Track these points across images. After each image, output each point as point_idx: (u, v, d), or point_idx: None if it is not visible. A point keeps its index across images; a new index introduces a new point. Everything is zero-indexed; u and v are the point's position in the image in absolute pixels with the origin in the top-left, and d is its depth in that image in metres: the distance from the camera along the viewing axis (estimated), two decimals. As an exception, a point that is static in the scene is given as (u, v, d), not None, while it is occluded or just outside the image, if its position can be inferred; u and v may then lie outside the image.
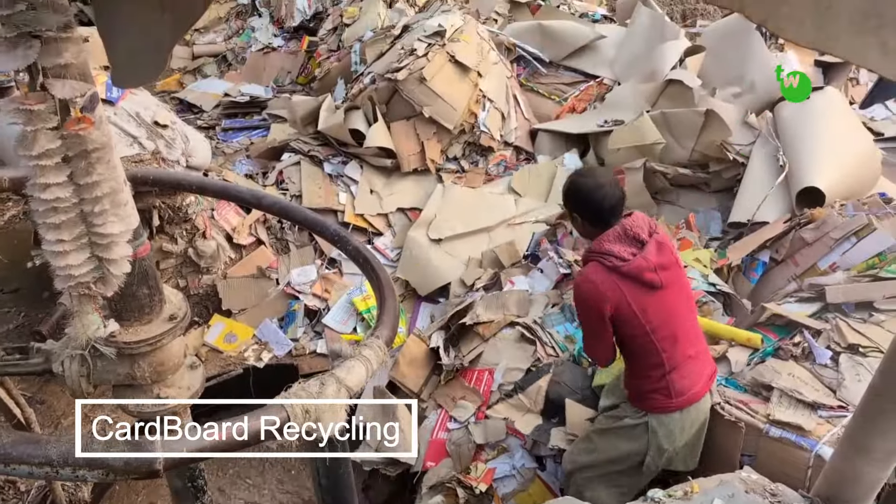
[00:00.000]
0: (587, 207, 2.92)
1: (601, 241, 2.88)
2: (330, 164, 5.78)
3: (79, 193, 1.81)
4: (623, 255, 2.83)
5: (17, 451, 1.81)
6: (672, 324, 2.92)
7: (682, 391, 2.94)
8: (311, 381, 2.18)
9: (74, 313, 2.02)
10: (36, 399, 4.31)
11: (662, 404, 2.97)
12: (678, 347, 2.92)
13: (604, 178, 2.92)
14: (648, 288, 2.84)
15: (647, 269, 2.83)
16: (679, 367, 2.93)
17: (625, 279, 2.82)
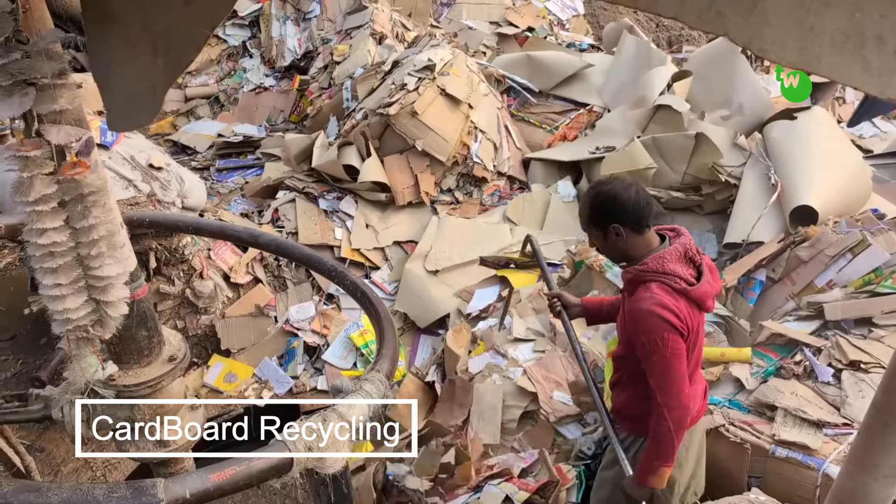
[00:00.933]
0: (624, 210, 2.56)
1: (663, 260, 2.56)
2: (325, 200, 5.80)
3: (75, 237, 1.82)
4: (688, 277, 2.56)
5: (19, 499, 1.79)
6: (701, 344, 2.74)
7: (694, 415, 2.82)
8: (312, 418, 2.17)
9: (73, 357, 2.02)
10: (35, 447, 4.26)
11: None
12: (697, 367, 2.77)
13: (628, 180, 2.63)
14: (700, 313, 2.61)
15: (710, 295, 2.60)
16: (695, 389, 2.80)
17: (691, 305, 2.55)
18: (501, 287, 4.85)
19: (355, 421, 2.27)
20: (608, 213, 2.58)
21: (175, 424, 2.47)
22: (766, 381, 3.41)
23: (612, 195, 2.56)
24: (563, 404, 3.77)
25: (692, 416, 2.85)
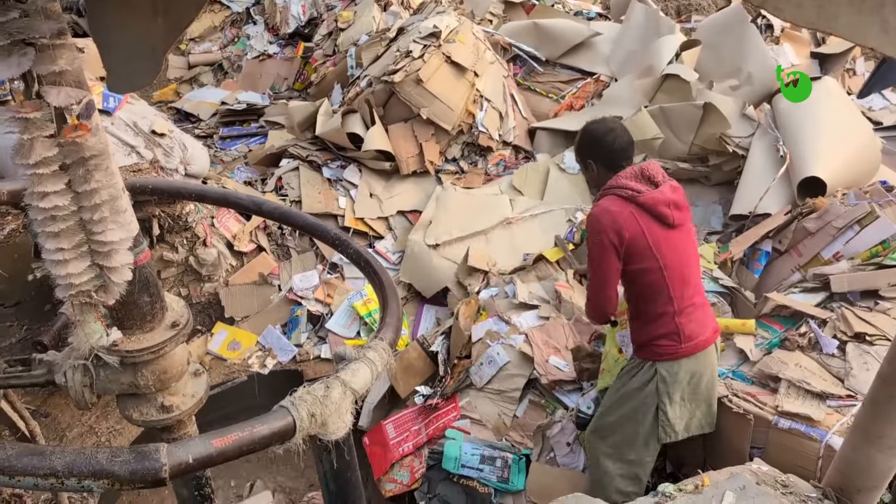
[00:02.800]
0: (600, 150, 2.99)
1: (617, 177, 2.93)
2: (329, 168, 5.77)
3: (77, 201, 1.80)
4: (639, 188, 2.88)
5: (22, 462, 1.79)
6: (682, 265, 2.94)
7: (690, 336, 2.94)
8: (316, 385, 2.16)
9: (76, 322, 2.01)
10: (40, 412, 4.29)
11: (671, 350, 2.95)
12: (686, 291, 2.95)
13: (613, 123, 3.05)
14: (662, 223, 2.89)
15: (663, 202, 2.88)
16: (687, 312, 2.95)
17: (641, 210, 2.87)
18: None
19: (358, 388, 2.28)
20: (588, 150, 3.03)
21: (178, 390, 2.47)
22: (770, 352, 3.40)
23: (594, 134, 3.01)
24: (557, 369, 3.78)
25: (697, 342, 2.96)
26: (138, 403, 2.43)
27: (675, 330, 2.94)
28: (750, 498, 2.11)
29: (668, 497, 2.18)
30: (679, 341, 2.94)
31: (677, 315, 2.93)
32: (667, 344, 2.96)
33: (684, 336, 2.94)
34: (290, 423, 2.05)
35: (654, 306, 2.96)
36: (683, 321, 2.94)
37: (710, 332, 3.03)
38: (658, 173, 2.95)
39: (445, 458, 3.65)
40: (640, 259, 2.89)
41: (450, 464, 3.64)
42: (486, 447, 3.67)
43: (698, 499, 2.12)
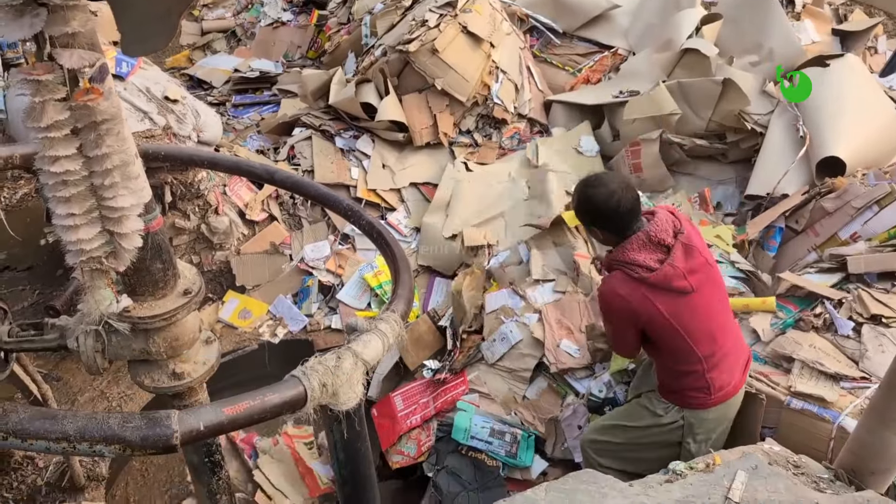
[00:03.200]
0: (605, 218, 2.81)
1: (625, 249, 2.75)
2: (342, 138, 5.72)
3: (89, 166, 1.78)
4: (649, 263, 2.72)
5: (34, 426, 1.80)
6: (709, 324, 2.82)
7: (721, 387, 2.86)
8: (327, 355, 2.16)
9: (87, 288, 2.00)
10: (52, 376, 4.33)
11: (701, 402, 2.88)
12: (717, 345, 2.83)
13: (614, 184, 2.77)
14: (678, 294, 2.74)
15: (676, 276, 2.72)
16: (718, 365, 2.84)
17: (654, 290, 2.72)
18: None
19: (370, 360, 2.27)
20: (590, 215, 2.86)
21: (190, 358, 2.48)
22: (784, 332, 3.38)
23: (593, 200, 2.78)
24: (568, 355, 3.72)
25: (727, 391, 2.87)
26: (150, 370, 2.43)
27: (705, 385, 2.84)
28: (762, 478, 2.09)
29: (679, 475, 2.17)
30: (710, 393, 2.85)
31: (708, 371, 2.82)
32: (696, 396, 2.87)
33: (715, 388, 2.85)
34: (301, 393, 2.05)
35: (682, 365, 2.85)
36: (714, 375, 2.84)
37: (741, 372, 2.95)
38: (667, 233, 2.76)
39: (455, 429, 3.66)
40: (661, 334, 2.79)
41: (459, 434, 3.65)
42: (496, 421, 3.67)
43: (709, 477, 2.10)
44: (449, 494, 3.51)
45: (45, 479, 3.62)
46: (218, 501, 2.95)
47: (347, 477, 2.52)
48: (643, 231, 2.75)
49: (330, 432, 2.41)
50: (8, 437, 1.80)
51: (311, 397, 2.07)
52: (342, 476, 2.54)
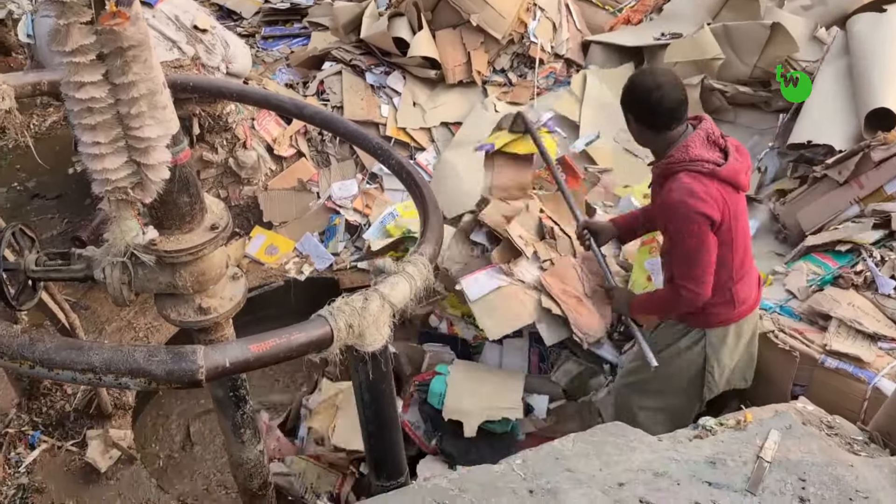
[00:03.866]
0: (642, 109, 2.67)
1: (687, 148, 2.61)
2: (372, 74, 5.60)
3: (115, 94, 1.72)
4: (715, 159, 2.61)
5: (61, 356, 1.79)
6: (746, 232, 2.78)
7: (743, 300, 2.84)
8: (354, 296, 2.13)
9: (112, 219, 1.97)
10: (80, 305, 4.37)
11: (725, 317, 2.83)
12: (747, 256, 2.81)
13: (663, 78, 2.64)
14: (737, 192, 2.67)
15: (742, 171, 2.65)
16: (744, 277, 2.83)
17: (724, 185, 2.61)
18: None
19: (397, 302, 2.24)
20: (633, 105, 2.71)
21: (216, 293, 2.46)
22: (821, 289, 3.28)
23: (639, 93, 2.66)
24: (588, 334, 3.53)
25: (748, 305, 2.86)
26: (176, 304, 2.42)
27: (730, 298, 2.81)
28: (795, 438, 2.04)
29: (709, 431, 2.12)
30: (733, 307, 2.83)
31: (735, 282, 2.78)
32: (720, 312, 2.83)
33: (738, 301, 2.82)
34: (327, 333, 2.02)
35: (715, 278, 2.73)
36: (738, 287, 2.80)
37: (758, 289, 2.93)
38: (717, 133, 2.68)
39: (430, 394, 3.54)
40: (721, 236, 2.67)
41: (434, 399, 3.53)
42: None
43: (741, 435, 2.06)
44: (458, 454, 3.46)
45: (73, 406, 3.68)
46: (242, 435, 2.98)
47: (371, 417, 2.51)
48: (702, 129, 2.66)
49: (355, 372, 2.39)
50: (35, 366, 1.80)
51: (338, 337, 2.05)
52: (366, 416, 2.53)
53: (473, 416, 3.39)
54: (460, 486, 1.82)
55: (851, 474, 1.94)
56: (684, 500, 1.81)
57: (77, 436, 3.59)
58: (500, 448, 3.42)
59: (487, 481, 1.83)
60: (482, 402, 3.45)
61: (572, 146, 5.01)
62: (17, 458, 3.44)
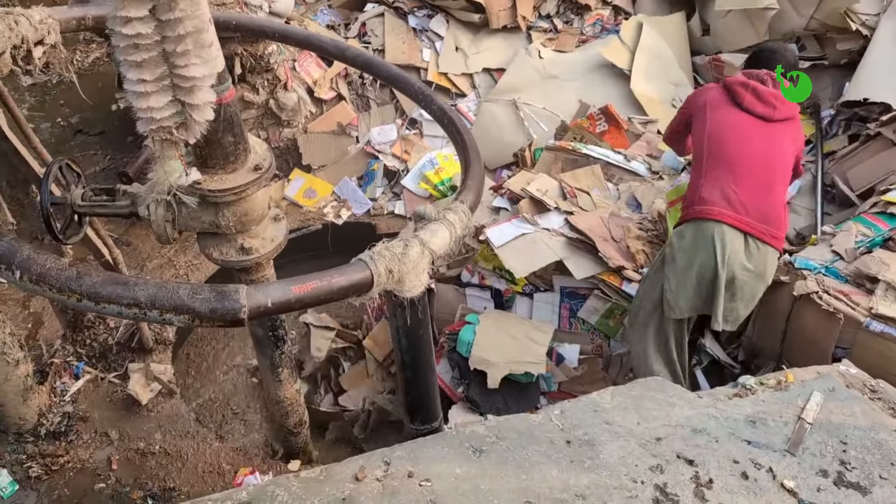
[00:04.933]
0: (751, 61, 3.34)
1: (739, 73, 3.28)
2: (415, 17, 5.49)
3: (161, 30, 1.70)
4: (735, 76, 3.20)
5: (107, 290, 1.81)
6: (735, 141, 3.05)
7: (706, 199, 2.98)
8: (395, 242, 2.12)
9: (157, 159, 1.97)
10: (122, 241, 4.43)
11: (685, 212, 3.08)
12: (728, 163, 3.02)
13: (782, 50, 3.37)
14: (731, 101, 3.12)
15: (739, 82, 3.12)
16: (718, 179, 3.01)
17: (722, 88, 3.20)
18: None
19: (436, 249, 2.23)
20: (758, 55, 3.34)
21: (258, 233, 2.47)
22: (870, 251, 3.19)
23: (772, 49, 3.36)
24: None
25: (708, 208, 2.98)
26: (219, 243, 2.44)
27: (694, 191, 3.06)
28: (838, 400, 2.01)
29: (749, 390, 2.10)
30: (693, 202, 3.03)
31: (703, 176, 3.05)
32: (685, 206, 3.10)
33: (699, 197, 3.01)
34: (368, 277, 2.02)
35: (693, 171, 3.16)
36: (703, 183, 3.03)
37: (744, 218, 2.95)
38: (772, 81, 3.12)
39: (459, 342, 3.59)
40: (698, 120, 3.19)
41: (463, 348, 3.57)
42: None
43: (782, 395, 2.03)
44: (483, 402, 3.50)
45: (115, 339, 3.77)
46: (280, 374, 3.03)
47: (409, 362, 2.53)
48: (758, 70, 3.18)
49: (393, 318, 2.40)
50: (82, 300, 1.83)
51: (377, 282, 2.05)
52: (403, 361, 2.55)
53: (498, 367, 3.45)
54: (497, 433, 1.83)
55: (894, 439, 1.91)
56: (723, 456, 1.80)
57: (119, 368, 3.68)
58: (523, 398, 3.52)
59: (525, 430, 1.84)
60: (507, 354, 3.49)
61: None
62: (62, 387, 3.54)
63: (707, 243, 2.96)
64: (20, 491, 3.16)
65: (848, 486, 1.76)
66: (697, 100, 3.28)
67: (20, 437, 3.33)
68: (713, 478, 1.75)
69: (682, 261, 3.02)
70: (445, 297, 3.93)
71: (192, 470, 3.32)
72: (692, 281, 3.00)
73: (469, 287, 3.98)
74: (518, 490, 1.67)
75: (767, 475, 1.78)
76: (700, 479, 1.74)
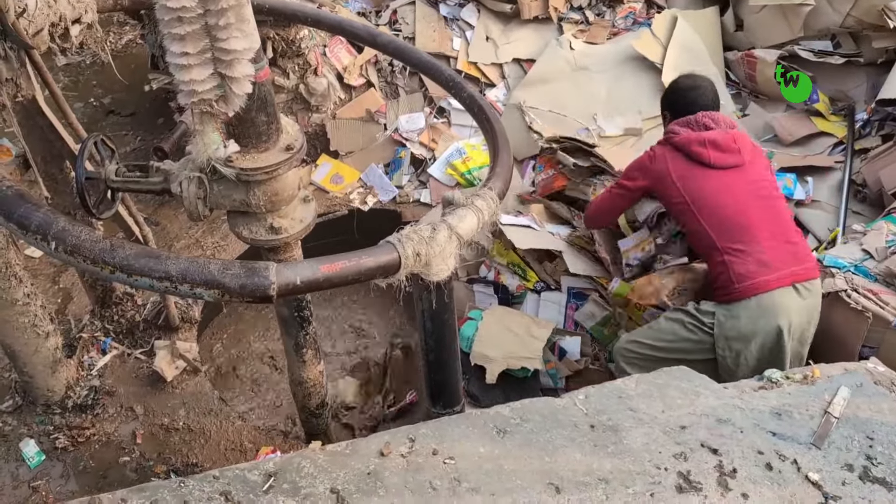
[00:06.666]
0: (677, 104, 3.15)
1: (672, 125, 3.10)
2: (446, 5, 5.49)
3: (204, 4, 1.72)
4: (678, 132, 3.03)
5: (140, 263, 1.85)
6: (725, 202, 2.90)
7: (746, 276, 2.80)
8: (423, 226, 2.14)
9: (196, 132, 1.99)
10: (151, 220, 4.48)
11: (726, 291, 2.86)
12: (735, 228, 2.87)
13: (703, 83, 3.16)
14: (696, 163, 2.96)
15: (696, 141, 2.95)
16: (740, 250, 2.84)
17: (675, 152, 3.01)
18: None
19: (464, 234, 2.24)
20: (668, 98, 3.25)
21: (288, 214, 2.49)
22: (901, 251, 3.16)
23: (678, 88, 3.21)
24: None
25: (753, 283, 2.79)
26: (248, 222, 2.46)
27: (723, 270, 2.87)
28: (866, 396, 2.00)
29: (775, 383, 2.09)
30: (732, 282, 2.83)
31: (724, 253, 2.87)
32: (720, 286, 2.90)
33: (736, 276, 2.82)
34: (395, 259, 2.04)
35: (700, 245, 3.01)
36: (732, 259, 2.84)
37: (786, 271, 2.80)
38: (716, 122, 3.01)
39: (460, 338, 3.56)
40: (667, 195, 3.02)
41: (464, 343, 3.55)
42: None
43: (809, 389, 2.02)
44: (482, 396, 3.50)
45: (142, 316, 3.82)
46: (304, 355, 3.06)
47: (433, 346, 2.54)
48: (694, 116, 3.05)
49: (419, 301, 2.41)
50: (115, 272, 1.87)
51: (405, 265, 2.07)
52: (427, 345, 2.56)
53: (496, 363, 3.48)
54: (522, 415, 1.84)
55: (922, 437, 1.90)
56: (747, 447, 1.80)
57: (145, 345, 3.73)
58: (520, 392, 3.49)
59: (549, 413, 1.85)
60: (505, 349, 3.51)
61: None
62: (89, 361, 3.60)
63: (767, 319, 2.80)
64: (46, 461, 3.22)
65: (874, 481, 1.75)
66: (652, 174, 3.06)
67: (48, 408, 3.39)
68: (737, 467, 1.75)
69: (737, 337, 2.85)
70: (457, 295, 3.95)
71: (215, 447, 3.37)
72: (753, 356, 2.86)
73: (476, 284, 4.03)
74: (541, 472, 1.68)
75: (792, 467, 1.77)
76: (724, 468, 1.74)
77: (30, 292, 3.07)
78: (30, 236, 1.88)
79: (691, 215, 2.94)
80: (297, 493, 1.62)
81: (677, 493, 1.67)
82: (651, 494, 1.66)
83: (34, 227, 1.87)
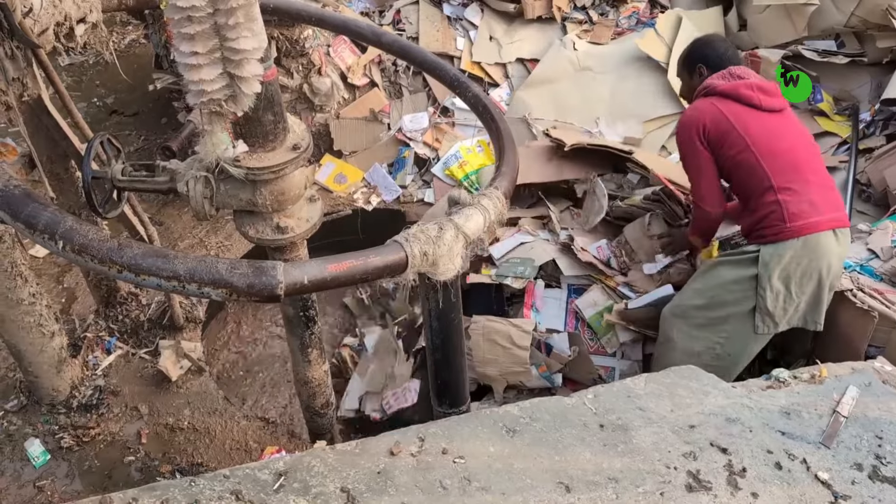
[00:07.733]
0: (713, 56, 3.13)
1: (710, 79, 3.07)
2: (450, 5, 5.49)
3: (214, 3, 1.72)
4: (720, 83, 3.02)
5: (147, 262, 1.85)
6: (779, 142, 2.90)
7: (798, 215, 2.79)
8: (430, 225, 2.13)
9: (204, 132, 1.99)
10: (155, 220, 4.48)
11: (776, 230, 2.82)
12: (789, 168, 2.86)
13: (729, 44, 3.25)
14: (748, 105, 2.94)
15: (743, 85, 2.96)
16: (793, 189, 2.83)
17: (723, 99, 2.98)
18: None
19: (470, 233, 2.24)
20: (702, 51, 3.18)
21: (294, 213, 2.49)
22: (907, 250, 3.16)
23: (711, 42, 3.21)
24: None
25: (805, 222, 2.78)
26: (255, 221, 2.46)
27: (776, 209, 2.83)
28: (874, 396, 1.99)
29: (782, 382, 2.09)
30: (784, 220, 2.80)
31: (778, 192, 2.83)
32: (770, 225, 2.85)
33: (788, 214, 2.80)
34: (402, 258, 2.04)
35: (754, 189, 2.92)
36: (787, 198, 2.82)
37: (829, 216, 2.82)
38: (749, 74, 3.03)
39: None
40: (727, 142, 2.93)
41: None
42: None
43: (818, 388, 2.02)
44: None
45: (147, 316, 3.82)
46: (309, 355, 3.06)
47: (439, 345, 2.54)
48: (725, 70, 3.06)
49: (426, 300, 2.41)
50: (123, 271, 1.86)
51: (412, 264, 2.06)
52: (433, 344, 2.56)
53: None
54: (531, 414, 1.84)
55: (931, 437, 1.89)
56: (756, 446, 1.80)
57: (150, 345, 3.73)
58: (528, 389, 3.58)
59: (558, 412, 1.85)
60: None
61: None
62: (94, 360, 3.60)
63: (814, 259, 2.79)
64: (52, 461, 3.22)
65: (883, 480, 1.75)
66: (707, 125, 2.96)
67: (53, 408, 3.39)
68: (746, 466, 1.75)
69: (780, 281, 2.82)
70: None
71: (220, 446, 3.37)
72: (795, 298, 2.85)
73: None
74: (551, 470, 1.68)
75: (801, 466, 1.77)
76: (733, 467, 1.74)
77: (35, 292, 3.07)
78: (37, 235, 1.88)
79: (749, 154, 2.88)
80: (307, 492, 1.62)
81: (687, 493, 1.67)
82: (661, 494, 1.65)
83: (42, 226, 1.87)
